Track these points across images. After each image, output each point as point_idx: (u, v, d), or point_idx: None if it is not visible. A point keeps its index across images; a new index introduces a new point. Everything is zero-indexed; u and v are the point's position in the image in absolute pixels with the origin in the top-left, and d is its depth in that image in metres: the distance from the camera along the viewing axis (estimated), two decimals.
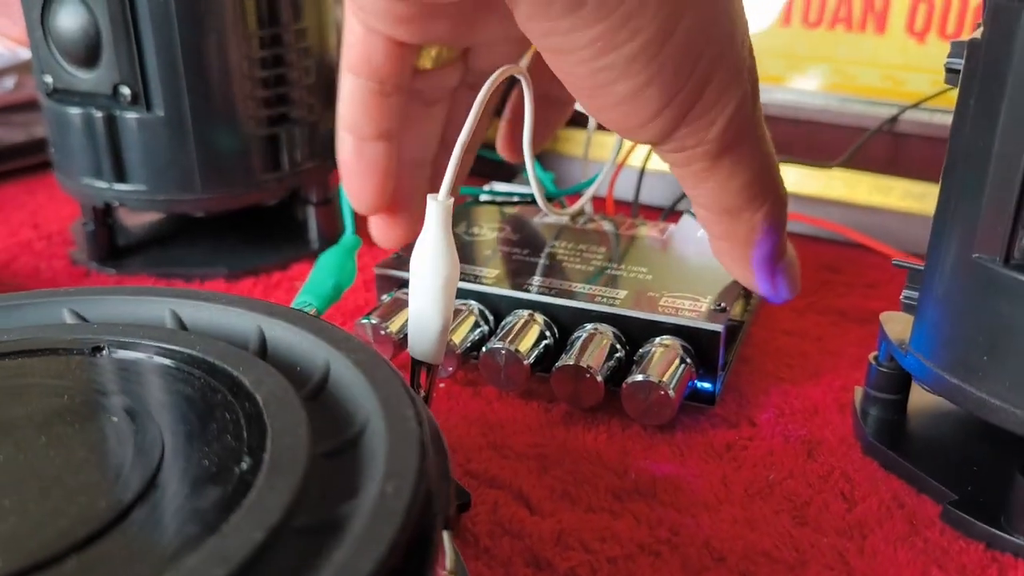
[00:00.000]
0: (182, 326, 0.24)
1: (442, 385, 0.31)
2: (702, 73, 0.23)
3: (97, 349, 0.23)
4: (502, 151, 0.35)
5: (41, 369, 0.22)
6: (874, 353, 0.29)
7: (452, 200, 0.25)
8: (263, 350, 0.23)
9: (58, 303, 0.25)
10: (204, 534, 0.16)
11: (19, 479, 0.18)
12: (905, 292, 0.27)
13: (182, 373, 0.22)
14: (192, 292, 0.25)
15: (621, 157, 0.42)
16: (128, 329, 0.23)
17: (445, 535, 0.18)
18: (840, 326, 0.36)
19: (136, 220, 0.45)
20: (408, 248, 0.35)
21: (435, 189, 0.25)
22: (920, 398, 0.29)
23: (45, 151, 0.55)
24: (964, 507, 0.24)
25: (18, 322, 0.24)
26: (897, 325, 0.28)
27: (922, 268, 0.26)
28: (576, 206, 0.39)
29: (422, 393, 0.26)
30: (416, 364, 0.26)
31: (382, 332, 0.31)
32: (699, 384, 0.30)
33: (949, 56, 0.25)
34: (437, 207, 0.24)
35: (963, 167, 0.24)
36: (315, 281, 0.31)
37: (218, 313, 0.24)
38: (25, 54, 0.60)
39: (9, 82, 0.59)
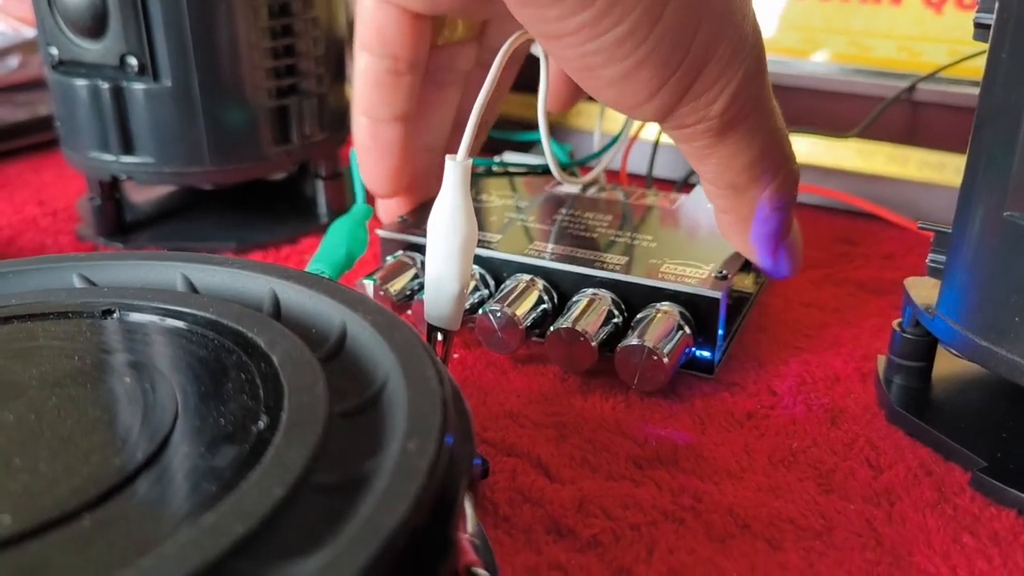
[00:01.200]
0: (193, 290, 0.24)
1: (456, 356, 0.31)
2: (699, 52, 0.23)
3: (108, 312, 0.22)
4: (550, 104, 0.35)
5: (51, 332, 0.21)
6: (898, 320, 0.28)
7: (470, 161, 0.24)
8: (277, 313, 0.23)
9: (67, 268, 0.24)
10: (222, 491, 0.16)
11: (31, 439, 0.17)
12: (931, 256, 0.27)
13: (195, 335, 0.21)
14: (203, 256, 0.24)
15: (634, 130, 0.41)
16: (139, 292, 0.23)
17: (465, 499, 0.18)
18: (858, 297, 0.35)
19: (143, 196, 0.44)
20: (414, 212, 0.34)
21: None
22: (945, 365, 0.29)
23: (49, 130, 0.55)
24: (994, 473, 0.24)
25: (27, 287, 0.24)
26: (923, 290, 0.27)
27: (949, 231, 0.26)
28: (590, 175, 0.38)
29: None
30: (432, 330, 0.26)
31: (381, 293, 0.30)
32: (698, 352, 0.29)
33: (978, 11, 0.24)
34: (455, 168, 0.24)
35: (993, 124, 0.23)
36: (327, 249, 0.30)
37: (230, 277, 0.24)
38: (29, 32, 0.60)
39: (13, 61, 0.59)
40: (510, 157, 0.41)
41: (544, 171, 0.38)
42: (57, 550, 0.15)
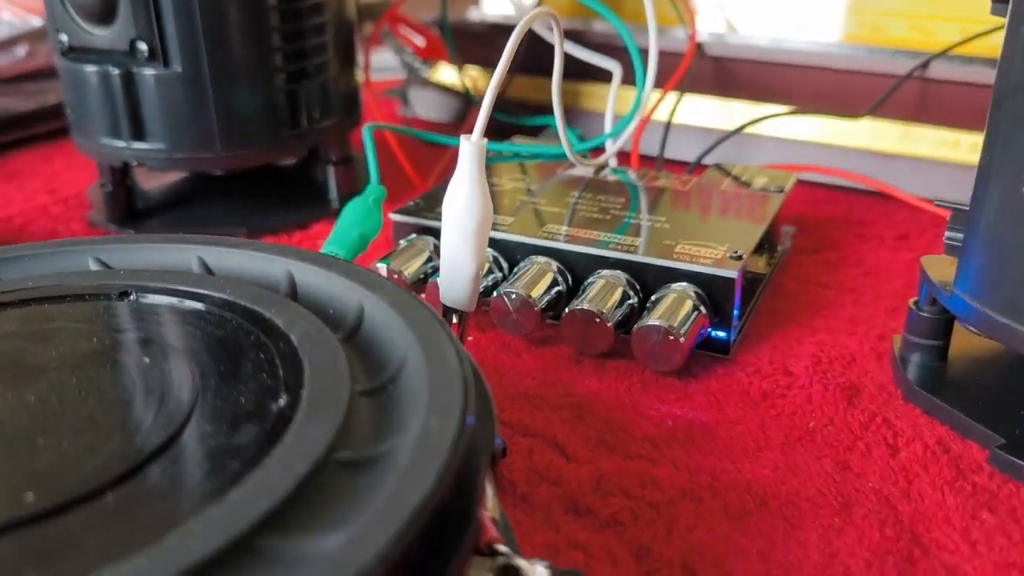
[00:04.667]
0: (209, 272, 0.24)
1: (470, 338, 0.31)
2: None
3: (124, 294, 0.22)
4: None
5: (68, 314, 0.21)
6: (914, 299, 0.28)
7: (485, 141, 0.24)
8: (293, 294, 0.23)
9: (83, 251, 0.24)
10: (245, 468, 0.16)
11: (53, 419, 0.17)
12: (948, 233, 0.27)
13: (212, 316, 0.21)
14: (219, 239, 0.24)
15: (646, 112, 0.41)
16: (155, 275, 0.23)
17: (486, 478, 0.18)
18: (873, 278, 0.35)
19: (153, 183, 0.44)
20: (425, 197, 0.34)
21: None
22: (961, 344, 0.28)
23: (58, 119, 0.54)
24: (1012, 450, 0.24)
25: (43, 270, 0.24)
26: (940, 267, 0.27)
27: (966, 208, 0.26)
28: (602, 158, 0.38)
29: None
30: (447, 311, 0.26)
31: (395, 276, 0.30)
32: (713, 333, 0.29)
33: None
34: (470, 148, 0.24)
35: (1012, 99, 0.23)
36: (341, 231, 0.30)
37: (246, 259, 0.24)
38: (36, 22, 0.60)
39: (20, 50, 0.59)
40: (519, 142, 0.41)
41: (555, 157, 0.38)
42: (81, 527, 0.15)
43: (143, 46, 0.36)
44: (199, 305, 0.22)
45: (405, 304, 0.21)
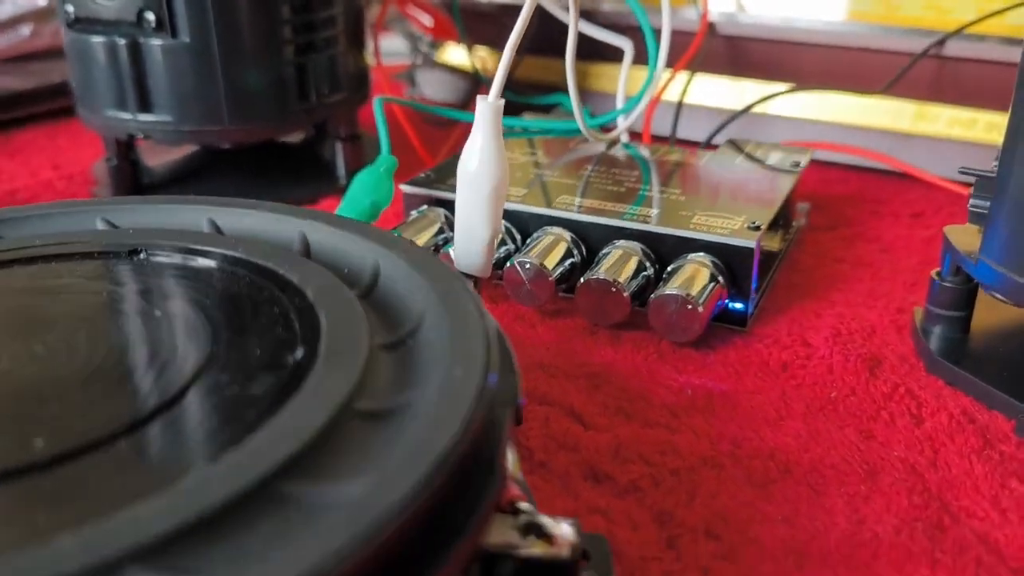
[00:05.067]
0: (220, 233, 0.23)
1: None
2: None
3: (134, 252, 0.22)
4: None
5: (77, 271, 0.21)
6: (936, 270, 0.28)
7: (502, 101, 0.23)
8: (307, 254, 0.22)
9: (91, 212, 0.24)
10: (263, 417, 0.15)
11: (63, 369, 0.17)
12: (972, 201, 0.26)
13: (224, 272, 0.21)
14: (229, 200, 0.24)
15: (658, 89, 0.41)
16: (164, 233, 0.22)
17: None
18: (890, 254, 0.35)
19: (158, 159, 0.44)
20: (436, 168, 0.34)
21: None
22: (983, 317, 0.28)
23: (61, 98, 0.54)
24: None
25: (49, 230, 0.23)
26: (964, 237, 0.26)
27: (992, 175, 0.25)
28: (614, 133, 0.38)
29: None
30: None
31: None
32: (730, 304, 0.28)
33: None
34: (487, 108, 0.23)
35: None
36: (352, 199, 0.30)
37: (258, 220, 0.23)
38: (41, 2, 0.59)
39: (25, 30, 0.58)
40: (529, 119, 0.40)
41: (566, 133, 0.38)
42: (93, 473, 0.14)
43: (151, 16, 0.35)
44: (210, 262, 0.21)
45: (423, 261, 0.20)
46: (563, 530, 0.16)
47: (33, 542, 0.12)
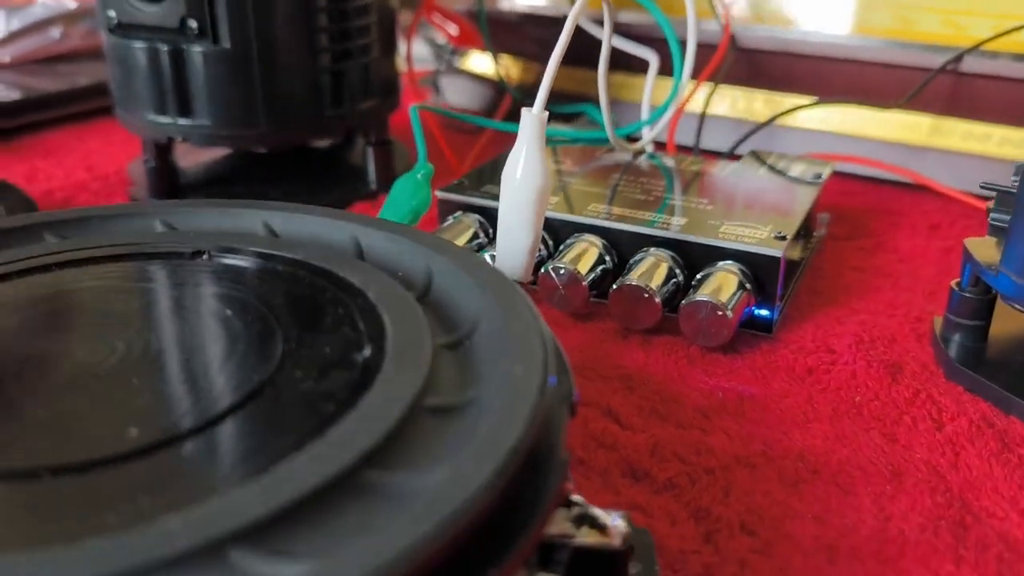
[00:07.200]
0: (275, 236, 0.24)
1: None
2: None
3: (198, 253, 0.23)
4: None
5: (145, 272, 0.22)
6: (956, 280, 0.29)
7: (547, 114, 0.24)
8: (360, 257, 0.23)
9: (150, 215, 0.25)
10: (340, 411, 0.16)
11: (145, 364, 0.18)
12: (992, 215, 0.27)
13: (286, 274, 0.22)
14: (284, 204, 0.25)
15: (681, 101, 0.42)
16: (224, 236, 0.23)
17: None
18: (908, 263, 0.36)
19: (190, 161, 0.45)
20: (469, 175, 0.35)
21: None
22: (1001, 326, 0.29)
23: (88, 100, 0.55)
24: None
25: (112, 231, 0.24)
26: (984, 249, 0.27)
27: (1013, 191, 0.26)
28: (640, 143, 0.39)
29: None
30: None
31: None
32: (757, 311, 0.29)
33: None
34: (531, 120, 0.24)
35: None
36: (393, 205, 0.31)
37: (312, 223, 0.24)
38: (71, 4, 0.60)
39: (55, 32, 0.59)
40: (556, 128, 0.42)
41: (592, 142, 0.39)
42: (187, 461, 0.15)
43: (193, 23, 0.36)
44: (272, 264, 0.22)
45: (473, 265, 0.21)
46: (615, 522, 0.17)
47: (139, 524, 0.13)
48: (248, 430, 0.16)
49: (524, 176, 0.24)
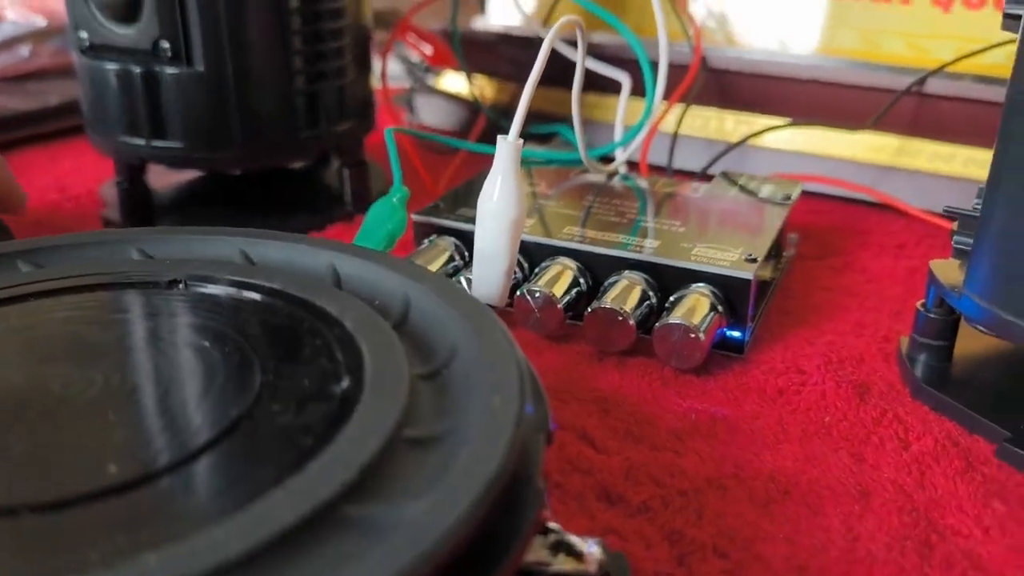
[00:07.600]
0: (251, 264, 0.24)
1: None
2: None
3: (174, 283, 0.23)
4: None
5: (120, 302, 0.22)
6: (921, 301, 0.29)
7: (522, 142, 0.25)
8: (338, 285, 0.23)
9: (124, 242, 0.25)
10: (318, 445, 0.16)
11: (122, 397, 0.18)
12: (956, 238, 0.28)
13: (263, 304, 0.22)
14: (260, 232, 0.25)
15: (653, 121, 0.42)
16: (200, 264, 0.23)
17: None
18: (875, 283, 0.37)
19: (164, 183, 0.45)
20: (445, 198, 0.35)
21: None
22: (965, 345, 0.30)
23: (59, 119, 0.55)
24: (1018, 444, 0.25)
25: (86, 260, 0.24)
26: (947, 271, 0.28)
27: (975, 214, 0.27)
28: (613, 165, 0.39)
29: None
30: None
31: None
32: (728, 332, 0.30)
33: (1008, 1, 0.25)
34: (507, 147, 0.25)
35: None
36: (368, 229, 0.31)
37: (288, 251, 0.24)
38: (40, 22, 0.60)
39: (24, 50, 0.59)
40: (528, 150, 0.42)
41: (565, 163, 0.39)
42: (164, 497, 0.15)
43: (166, 45, 0.36)
44: (249, 294, 0.22)
45: (451, 292, 0.21)
46: (591, 549, 0.18)
47: (119, 561, 0.13)
48: (226, 465, 0.16)
49: (499, 204, 0.25)
